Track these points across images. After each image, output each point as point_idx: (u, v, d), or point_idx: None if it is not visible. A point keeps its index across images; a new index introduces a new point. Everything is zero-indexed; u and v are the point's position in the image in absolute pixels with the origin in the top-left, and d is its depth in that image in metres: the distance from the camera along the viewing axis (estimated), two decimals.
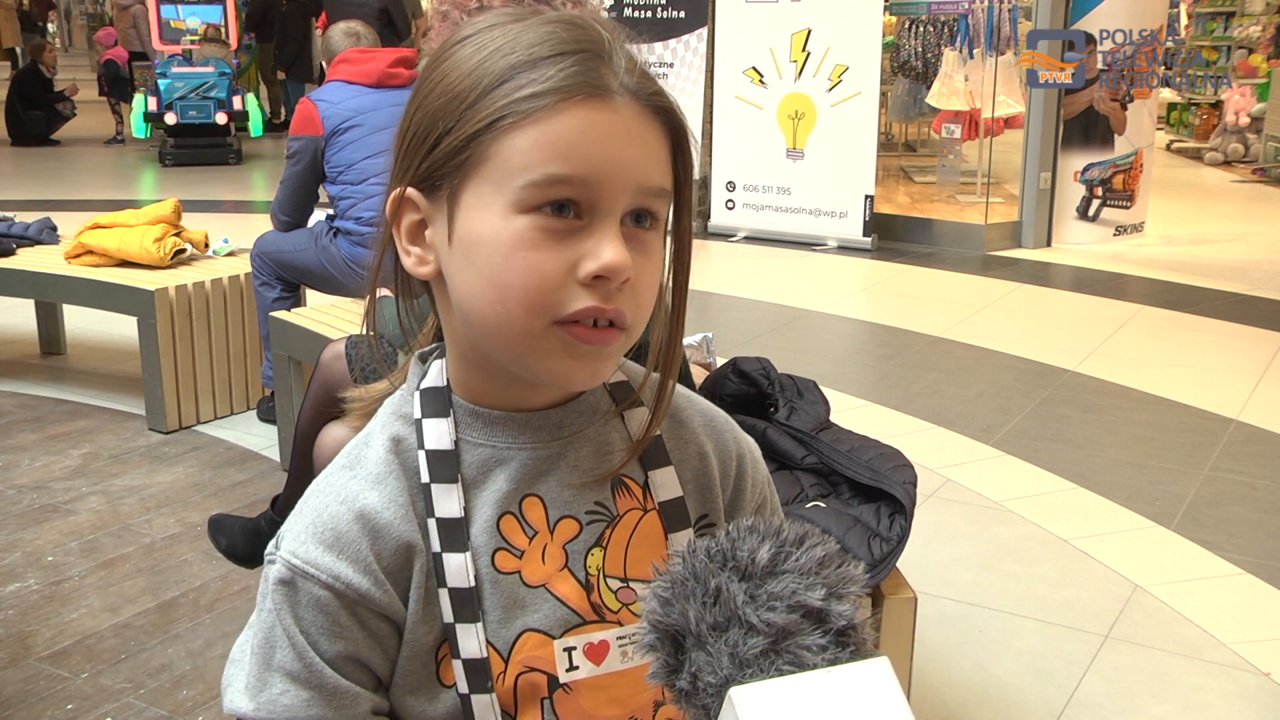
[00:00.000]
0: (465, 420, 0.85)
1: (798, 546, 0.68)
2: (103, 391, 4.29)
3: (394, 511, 0.82)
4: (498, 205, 0.76)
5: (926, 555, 2.95)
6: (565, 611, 0.84)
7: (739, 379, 2.14)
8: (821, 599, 0.65)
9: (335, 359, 2.50)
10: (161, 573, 2.91)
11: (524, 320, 0.76)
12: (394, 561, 0.82)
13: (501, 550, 0.84)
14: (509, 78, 0.76)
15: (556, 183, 0.75)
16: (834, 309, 5.66)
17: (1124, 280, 6.25)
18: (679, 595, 0.66)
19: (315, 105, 3.58)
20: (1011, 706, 2.37)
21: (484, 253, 0.77)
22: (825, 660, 0.64)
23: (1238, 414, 4.06)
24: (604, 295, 0.76)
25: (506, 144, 0.76)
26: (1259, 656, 2.54)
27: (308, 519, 0.82)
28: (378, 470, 0.84)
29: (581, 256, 0.76)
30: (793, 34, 7.03)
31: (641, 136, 0.78)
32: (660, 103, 0.80)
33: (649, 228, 0.80)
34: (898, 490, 1.85)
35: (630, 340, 0.80)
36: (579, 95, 0.75)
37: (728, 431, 0.95)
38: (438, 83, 0.80)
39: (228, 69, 10.67)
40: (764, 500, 0.97)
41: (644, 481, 0.88)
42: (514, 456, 0.84)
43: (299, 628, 0.80)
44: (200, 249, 4.18)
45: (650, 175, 0.79)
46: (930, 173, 8.92)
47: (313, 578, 0.80)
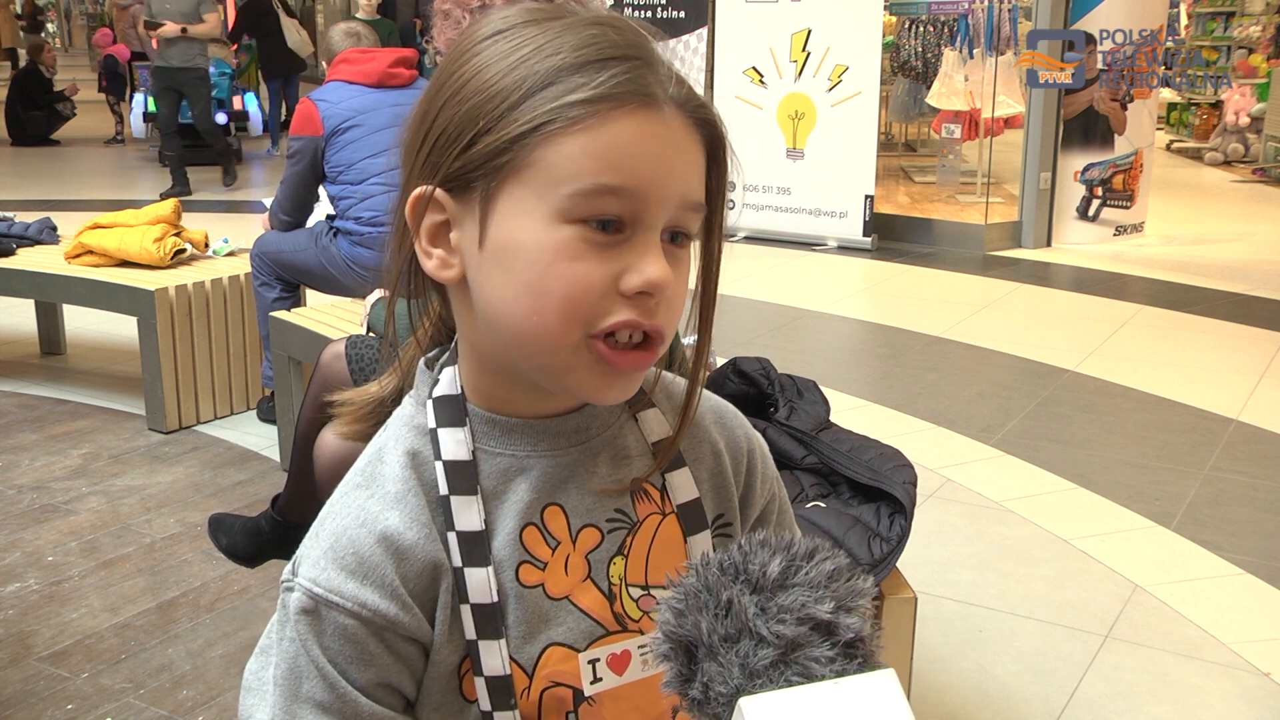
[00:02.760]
0: (482, 429, 0.82)
1: (808, 560, 0.69)
2: (103, 391, 4.29)
3: (417, 531, 0.79)
4: (540, 212, 0.73)
5: (926, 555, 2.95)
6: (589, 624, 0.83)
7: (739, 379, 2.14)
8: (830, 612, 0.66)
9: (335, 359, 2.49)
10: (161, 573, 2.91)
11: (560, 331, 0.74)
12: (420, 583, 0.79)
13: (525, 563, 0.81)
14: (555, 80, 0.73)
15: (605, 193, 0.73)
16: (834, 309, 5.66)
17: (1124, 280, 6.25)
18: (692, 607, 0.67)
19: (315, 105, 3.58)
20: (1011, 706, 2.37)
21: (522, 260, 0.74)
22: (833, 672, 0.65)
23: (1238, 414, 4.06)
24: (645, 310, 0.75)
25: (553, 150, 0.73)
26: (1259, 656, 2.54)
27: (326, 543, 0.79)
28: (396, 489, 0.80)
29: (624, 270, 0.74)
30: (793, 34, 7.03)
31: (686, 149, 0.76)
32: (704, 115, 0.78)
33: (682, 244, 0.78)
34: (898, 490, 1.85)
35: (657, 358, 0.79)
36: (631, 104, 0.73)
37: (738, 427, 0.94)
38: (470, 78, 0.76)
39: (228, 69, 10.67)
40: (773, 496, 0.95)
41: (661, 485, 0.87)
42: (534, 465, 0.82)
43: (326, 658, 0.77)
44: (200, 249, 4.18)
45: (692, 190, 0.77)
46: (930, 173, 8.92)
47: (338, 606, 0.76)
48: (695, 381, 0.87)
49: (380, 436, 0.85)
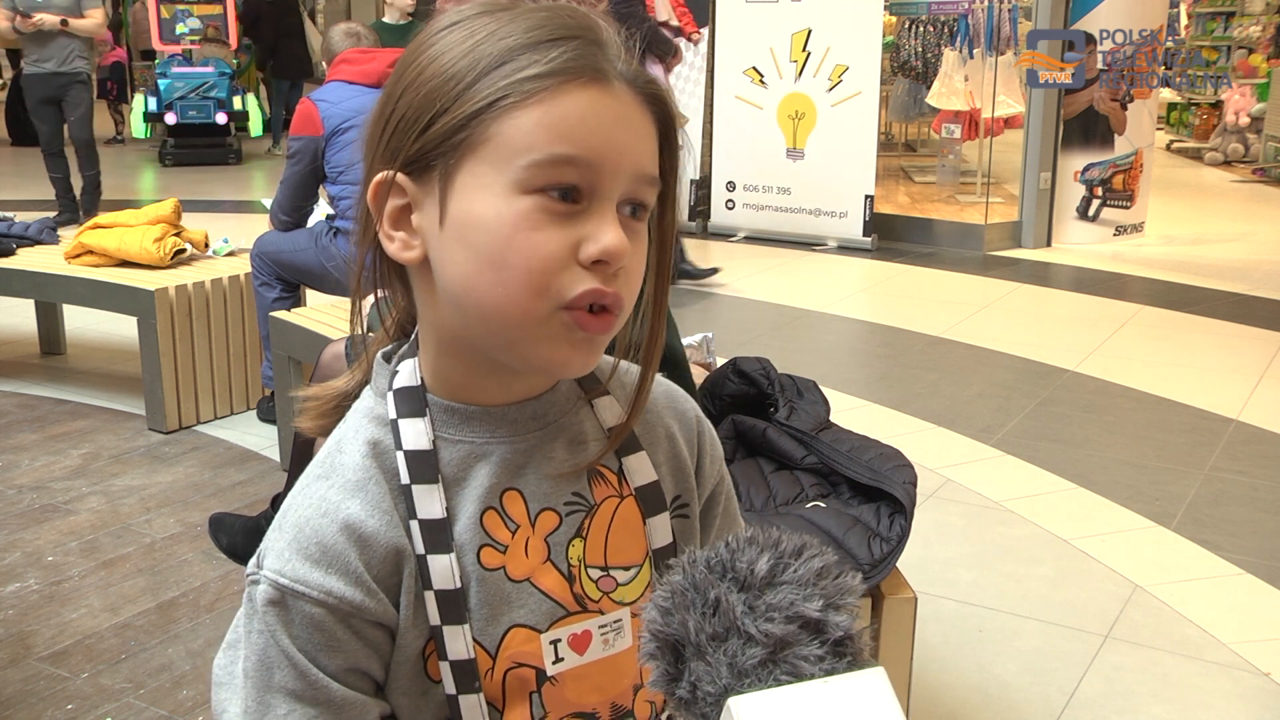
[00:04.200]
0: (441, 418, 0.84)
1: (796, 558, 0.68)
2: (103, 391, 4.29)
3: (379, 518, 0.81)
4: (498, 185, 0.75)
5: (926, 555, 2.95)
6: (550, 605, 0.85)
7: (739, 379, 2.14)
8: (819, 610, 0.66)
9: (335, 359, 2.50)
10: (161, 573, 2.91)
11: (526, 302, 0.76)
12: (384, 569, 0.80)
13: (486, 546, 0.83)
14: (509, 59, 0.76)
15: (561, 163, 0.75)
16: (834, 309, 5.66)
17: (1124, 280, 6.25)
18: (679, 605, 0.67)
19: (315, 105, 3.58)
20: (1011, 706, 2.37)
21: (483, 233, 0.76)
22: (822, 670, 0.64)
23: (1238, 414, 4.06)
24: (603, 279, 0.76)
25: (508, 123, 0.75)
26: (1259, 656, 2.54)
27: (289, 535, 0.80)
28: (356, 477, 0.82)
29: (582, 239, 0.76)
30: (793, 34, 7.03)
31: (638, 123, 0.79)
32: (653, 90, 0.80)
33: (639, 217, 0.80)
34: (898, 490, 1.85)
35: (618, 327, 0.80)
36: (582, 78, 0.76)
37: (690, 410, 0.96)
38: (427, 65, 0.79)
39: (228, 69, 10.68)
40: (722, 478, 0.97)
41: (618, 468, 0.89)
42: (493, 451, 0.84)
43: (296, 646, 0.78)
44: (200, 249, 4.18)
45: (645, 162, 0.79)
46: (930, 173, 8.93)
47: (304, 595, 0.78)
48: (649, 365, 0.88)
49: (340, 429, 0.87)
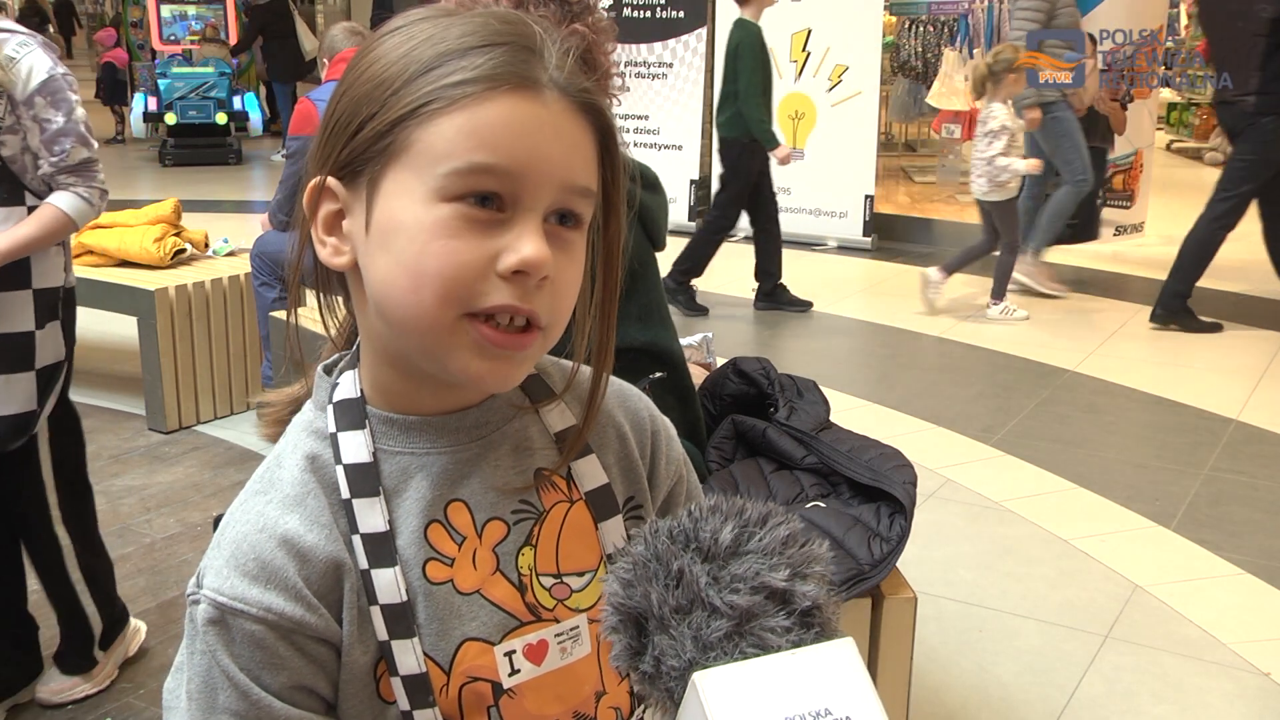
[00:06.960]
0: (381, 429, 0.82)
1: (761, 526, 0.67)
2: (103, 391, 4.29)
3: (317, 533, 0.79)
4: (419, 192, 0.74)
5: (926, 555, 2.95)
6: (502, 616, 0.83)
7: (739, 379, 2.14)
8: (785, 579, 0.64)
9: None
10: (161, 573, 2.91)
11: (436, 310, 0.74)
12: (324, 584, 0.79)
13: (432, 560, 0.81)
14: (437, 65, 0.75)
15: (480, 172, 0.73)
16: (834, 309, 5.66)
17: (1124, 280, 6.25)
18: (641, 577, 0.65)
19: (315, 105, 3.58)
20: (1011, 706, 2.37)
21: (402, 239, 0.74)
22: (789, 642, 0.63)
23: (1238, 414, 4.06)
24: (522, 293, 0.74)
25: (431, 130, 0.74)
26: (1259, 656, 2.54)
27: (227, 552, 0.79)
28: (295, 491, 0.80)
29: (502, 250, 0.74)
30: (793, 34, 7.03)
31: (569, 133, 0.76)
32: (589, 99, 0.78)
33: (572, 227, 0.78)
34: (898, 490, 1.85)
35: (548, 342, 0.79)
36: (506, 85, 0.74)
37: (643, 408, 0.93)
38: (364, 70, 0.78)
39: (228, 69, 10.68)
40: (680, 479, 0.94)
41: (567, 473, 0.86)
42: (434, 462, 0.82)
43: (238, 665, 0.76)
44: (200, 249, 4.18)
45: (576, 174, 0.77)
46: (930, 173, 8.93)
47: (243, 613, 0.76)
48: (601, 368, 0.87)
49: (279, 444, 0.85)
